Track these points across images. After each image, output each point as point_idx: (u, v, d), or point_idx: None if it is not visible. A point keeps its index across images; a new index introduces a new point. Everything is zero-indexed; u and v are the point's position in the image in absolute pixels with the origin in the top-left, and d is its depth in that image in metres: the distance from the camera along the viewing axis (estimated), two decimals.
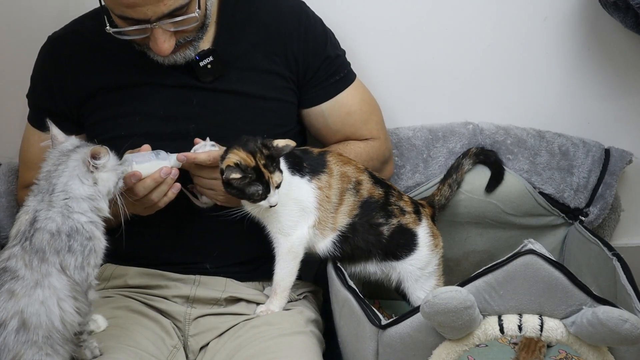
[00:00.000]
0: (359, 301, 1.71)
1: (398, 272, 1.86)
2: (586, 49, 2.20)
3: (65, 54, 1.91)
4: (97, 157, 1.59)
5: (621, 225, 2.29)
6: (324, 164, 1.82)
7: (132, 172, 1.71)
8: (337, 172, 1.82)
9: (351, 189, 1.81)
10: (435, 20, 2.18)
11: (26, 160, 1.99)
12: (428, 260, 1.86)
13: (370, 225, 1.82)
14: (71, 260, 1.55)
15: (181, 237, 1.90)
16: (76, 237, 1.56)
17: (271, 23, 1.92)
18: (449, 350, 1.58)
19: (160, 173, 1.73)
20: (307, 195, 1.79)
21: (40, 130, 1.93)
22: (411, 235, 1.85)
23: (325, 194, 1.79)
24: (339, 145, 2.00)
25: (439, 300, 1.49)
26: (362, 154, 1.99)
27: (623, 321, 1.45)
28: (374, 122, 2.04)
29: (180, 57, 1.82)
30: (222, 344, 1.79)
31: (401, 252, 1.84)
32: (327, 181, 1.80)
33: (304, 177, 1.79)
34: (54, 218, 1.56)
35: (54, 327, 1.52)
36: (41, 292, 1.51)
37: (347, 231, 1.81)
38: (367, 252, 1.83)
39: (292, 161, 1.79)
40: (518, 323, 1.55)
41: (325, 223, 1.80)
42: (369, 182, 1.84)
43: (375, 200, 1.83)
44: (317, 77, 1.95)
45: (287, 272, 1.82)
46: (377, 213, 1.82)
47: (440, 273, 1.90)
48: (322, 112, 1.98)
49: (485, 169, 2.11)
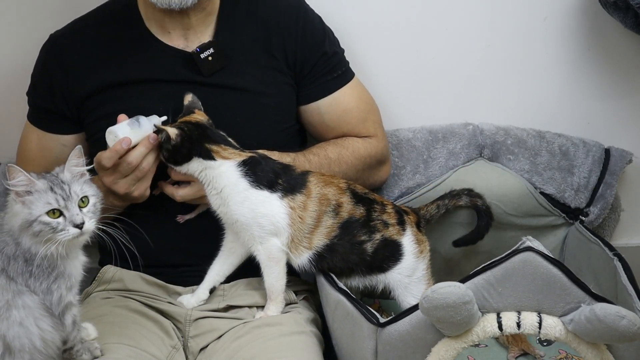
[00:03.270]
0: (353, 301, 1.71)
1: (385, 283, 1.84)
2: (586, 49, 2.20)
3: (67, 53, 1.91)
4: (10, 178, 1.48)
5: (621, 225, 2.28)
6: (303, 184, 1.79)
7: (121, 138, 1.71)
8: (317, 194, 1.79)
9: (330, 212, 1.79)
10: (435, 21, 2.19)
11: (23, 157, 1.99)
12: (414, 267, 1.85)
13: (352, 244, 1.80)
14: (36, 284, 1.50)
15: (180, 239, 1.91)
16: (36, 261, 1.49)
17: (270, 19, 1.93)
18: (447, 347, 1.58)
19: (150, 140, 1.74)
20: (277, 211, 1.77)
21: (40, 128, 1.95)
22: (396, 246, 1.84)
23: (298, 214, 1.77)
24: (337, 140, 2.00)
25: (437, 295, 1.49)
26: (360, 149, 1.99)
27: (620, 318, 1.45)
28: (371, 121, 2.04)
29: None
30: (222, 344, 1.79)
31: (387, 264, 1.83)
32: (303, 202, 1.78)
33: (275, 193, 1.77)
34: (8, 242, 1.51)
35: (35, 349, 1.49)
36: (17, 313, 1.47)
37: (323, 251, 1.80)
38: (349, 270, 1.82)
39: (262, 175, 1.77)
40: (516, 320, 1.55)
41: (298, 242, 1.79)
42: (350, 203, 1.81)
43: (356, 219, 1.81)
44: (314, 73, 1.95)
45: (275, 277, 1.81)
46: (359, 231, 1.81)
47: (429, 276, 1.89)
48: (318, 109, 1.98)
49: (485, 170, 2.12)
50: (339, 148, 1.97)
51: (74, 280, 1.55)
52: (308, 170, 1.84)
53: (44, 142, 1.96)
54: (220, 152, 1.78)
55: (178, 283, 1.91)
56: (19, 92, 2.02)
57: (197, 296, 1.86)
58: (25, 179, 1.48)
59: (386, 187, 2.14)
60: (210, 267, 1.87)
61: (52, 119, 1.94)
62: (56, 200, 1.49)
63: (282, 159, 1.86)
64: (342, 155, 1.96)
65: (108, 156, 1.73)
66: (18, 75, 2.07)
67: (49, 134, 1.95)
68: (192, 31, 1.90)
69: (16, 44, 2.15)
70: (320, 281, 1.83)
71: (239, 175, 1.76)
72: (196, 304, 1.86)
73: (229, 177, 1.77)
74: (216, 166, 1.77)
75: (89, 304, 1.86)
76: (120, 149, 1.71)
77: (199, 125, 1.78)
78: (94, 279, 1.95)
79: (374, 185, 2.08)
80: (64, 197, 1.50)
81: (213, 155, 1.77)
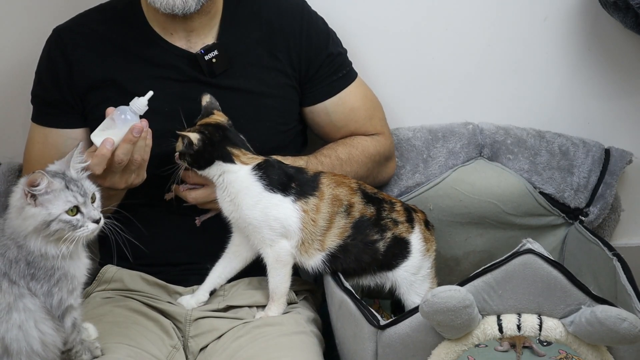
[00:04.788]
0: (356, 302, 1.71)
1: (392, 280, 1.84)
2: (586, 49, 2.20)
3: (71, 43, 1.90)
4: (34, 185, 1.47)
5: (621, 225, 2.28)
6: (315, 186, 1.79)
7: (103, 140, 1.65)
8: (329, 195, 1.79)
9: (342, 212, 1.79)
10: (435, 21, 2.18)
11: (29, 159, 1.98)
12: (420, 265, 1.85)
13: (365, 244, 1.80)
14: (37, 286, 1.49)
15: (182, 237, 1.91)
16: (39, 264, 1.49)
17: (273, 20, 1.93)
18: (448, 350, 1.58)
19: (132, 133, 1.67)
20: (289, 215, 1.76)
21: (46, 125, 1.93)
22: (404, 244, 1.84)
23: (311, 218, 1.77)
24: (346, 140, 2.00)
25: (437, 299, 1.49)
26: (369, 147, 2.00)
27: (621, 320, 1.45)
28: (377, 119, 2.06)
29: (180, 2, 1.79)
30: (222, 344, 1.78)
31: (395, 261, 1.83)
32: (316, 205, 1.78)
33: (288, 196, 1.76)
34: (9, 245, 1.50)
35: (33, 352, 1.48)
36: (17, 316, 1.47)
37: (337, 252, 1.79)
38: (361, 270, 1.82)
39: (276, 179, 1.77)
40: (517, 322, 1.55)
41: (310, 245, 1.79)
42: (361, 203, 1.81)
43: (367, 218, 1.81)
44: (320, 74, 1.96)
45: (280, 279, 1.81)
46: (371, 230, 1.81)
47: (433, 275, 1.89)
48: (325, 109, 1.99)
49: (485, 170, 2.12)
50: (349, 148, 1.98)
51: (76, 282, 1.54)
52: (320, 171, 1.84)
53: (49, 140, 1.94)
54: (240, 156, 1.77)
55: (179, 281, 1.91)
56: (20, 93, 2.02)
57: (197, 298, 1.86)
58: (47, 182, 1.48)
59: (386, 185, 2.14)
60: (212, 269, 1.87)
61: (58, 112, 1.92)
62: (75, 198, 1.50)
63: (296, 163, 1.86)
64: (352, 155, 1.97)
65: (96, 162, 1.67)
66: (19, 76, 2.07)
67: (55, 130, 1.93)
68: (195, 33, 1.89)
69: (17, 44, 2.15)
70: (326, 279, 1.83)
71: (253, 179, 1.76)
72: (196, 305, 1.86)
73: (244, 181, 1.76)
74: (235, 170, 1.76)
75: (89, 304, 1.85)
76: (106, 152, 1.65)
77: (220, 127, 1.77)
78: (94, 279, 1.94)
79: (383, 181, 2.10)
80: (80, 194, 1.50)
81: (233, 158, 1.76)
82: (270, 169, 1.77)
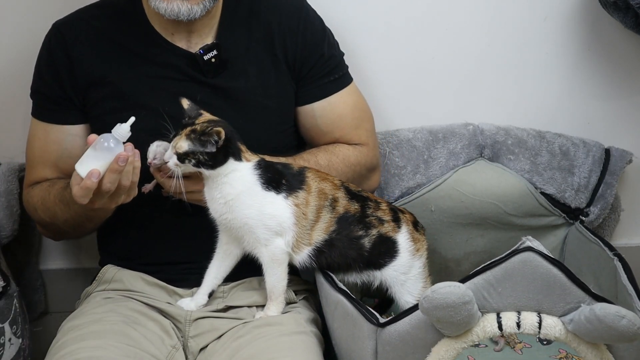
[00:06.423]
0: (352, 302, 1.71)
1: (382, 279, 1.84)
2: (586, 49, 2.20)
3: (71, 38, 1.90)
4: None
5: (621, 225, 2.29)
6: (302, 180, 1.78)
7: (88, 172, 1.59)
8: (315, 188, 1.79)
9: (327, 206, 1.79)
10: (434, 21, 2.19)
11: (31, 157, 1.97)
12: (410, 264, 1.84)
13: (350, 239, 1.80)
14: None
15: (181, 236, 1.91)
16: None
17: (272, 20, 1.94)
18: (447, 347, 1.58)
19: (118, 163, 1.60)
20: (283, 211, 1.76)
21: (46, 121, 1.93)
22: (391, 243, 1.83)
23: (302, 211, 1.77)
24: (327, 147, 1.99)
25: (437, 295, 1.49)
26: (350, 157, 1.98)
27: (620, 317, 1.44)
28: (364, 129, 2.03)
29: (185, 9, 1.78)
30: (222, 344, 1.78)
31: (382, 260, 1.83)
32: (305, 198, 1.77)
33: (280, 193, 1.76)
34: None
35: None
36: None
37: (323, 246, 1.79)
38: (346, 266, 1.82)
39: (269, 177, 1.76)
40: (516, 320, 1.55)
41: (301, 240, 1.78)
42: (345, 198, 1.81)
43: (351, 214, 1.80)
44: (312, 74, 1.95)
45: (277, 278, 1.81)
46: (355, 226, 1.80)
47: (426, 275, 1.88)
48: (312, 111, 1.98)
49: (485, 170, 2.12)
50: (329, 155, 1.96)
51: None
52: (304, 166, 1.84)
53: (51, 136, 1.93)
54: (244, 152, 1.76)
55: (178, 280, 1.91)
56: (19, 92, 2.02)
57: (197, 301, 1.86)
58: None
59: (387, 187, 2.14)
60: (207, 272, 1.86)
61: (58, 109, 1.91)
62: None
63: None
64: (332, 162, 1.95)
65: (82, 195, 1.63)
66: (18, 76, 2.07)
67: (56, 126, 1.92)
68: (196, 34, 1.89)
69: (16, 44, 2.15)
70: (319, 281, 1.83)
71: (254, 177, 1.75)
72: (195, 308, 1.86)
73: (246, 181, 1.74)
74: (241, 168, 1.74)
75: (89, 304, 1.86)
76: (92, 185, 1.61)
77: (225, 122, 1.74)
78: (94, 279, 1.95)
79: None
80: None
81: (242, 155, 1.75)
82: (267, 166, 1.76)
